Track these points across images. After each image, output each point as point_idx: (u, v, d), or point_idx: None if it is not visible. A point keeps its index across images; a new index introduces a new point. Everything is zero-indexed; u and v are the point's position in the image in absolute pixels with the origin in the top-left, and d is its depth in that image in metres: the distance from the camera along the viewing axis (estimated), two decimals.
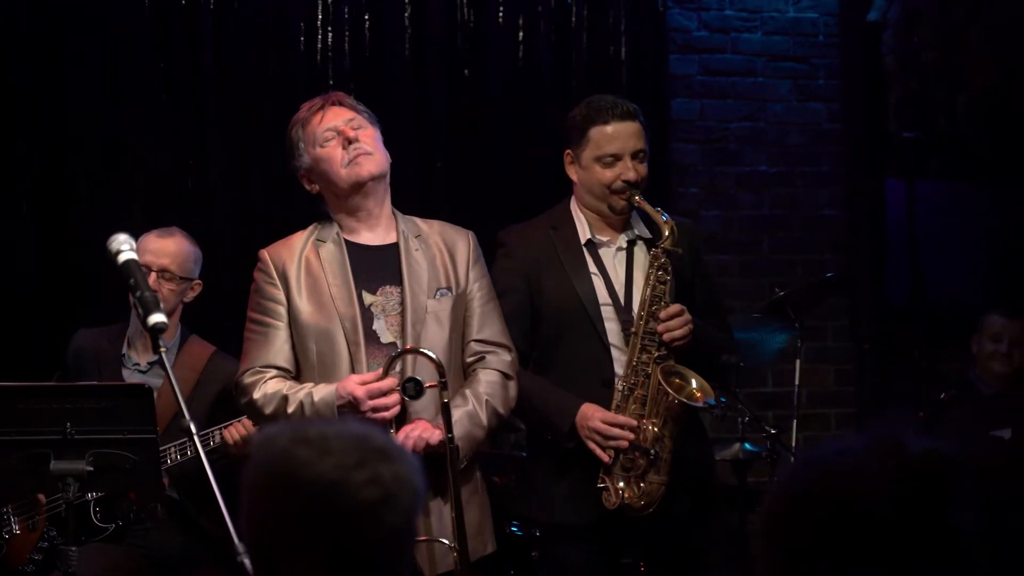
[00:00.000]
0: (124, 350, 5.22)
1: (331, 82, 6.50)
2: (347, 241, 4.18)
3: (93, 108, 6.25)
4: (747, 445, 5.76)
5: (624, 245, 4.45)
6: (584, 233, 4.46)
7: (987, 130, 7.49)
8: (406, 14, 6.65)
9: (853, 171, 7.43)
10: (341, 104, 4.21)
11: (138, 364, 5.18)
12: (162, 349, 3.17)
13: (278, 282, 4.14)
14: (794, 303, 5.80)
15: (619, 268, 4.42)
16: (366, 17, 6.60)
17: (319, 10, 6.53)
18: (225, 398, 5.04)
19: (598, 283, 4.40)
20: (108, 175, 6.27)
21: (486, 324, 4.22)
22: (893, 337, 7.32)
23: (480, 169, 6.78)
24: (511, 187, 6.78)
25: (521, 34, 6.82)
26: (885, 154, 7.44)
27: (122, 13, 6.28)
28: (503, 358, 4.20)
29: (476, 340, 4.20)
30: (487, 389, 4.12)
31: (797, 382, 5.96)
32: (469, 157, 6.77)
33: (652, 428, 4.14)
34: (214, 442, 4.93)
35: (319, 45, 6.54)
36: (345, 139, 4.11)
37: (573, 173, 4.51)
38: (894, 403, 7.28)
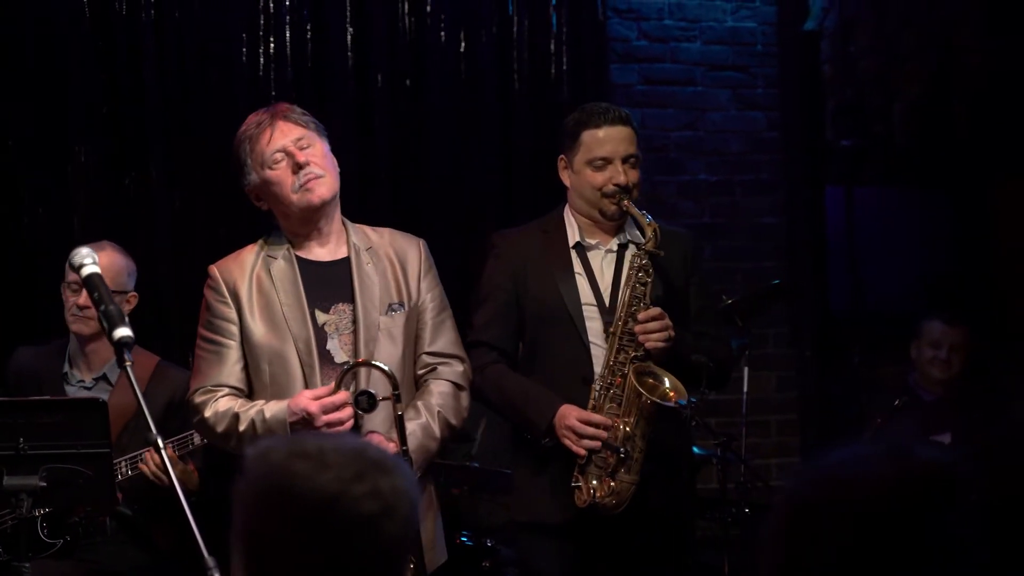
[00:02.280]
0: (66, 367, 5.16)
1: (273, 92, 6.47)
2: (298, 257, 4.15)
3: (32, 118, 6.18)
4: (696, 449, 5.77)
5: (614, 248, 4.48)
6: (574, 236, 4.50)
7: (920, 137, 7.59)
8: (348, 24, 6.63)
9: (792, 179, 7.49)
10: (287, 119, 4.14)
11: (83, 381, 5.13)
12: (127, 363, 3.14)
13: (229, 300, 4.11)
14: (742, 310, 5.83)
15: (607, 270, 4.45)
16: (308, 27, 6.58)
17: (261, 20, 6.50)
18: (173, 407, 5.01)
19: (582, 283, 4.43)
20: (48, 186, 6.20)
21: (439, 336, 4.22)
22: (834, 343, 7.38)
23: (422, 178, 6.77)
24: (453, 196, 6.78)
25: (463, 44, 6.82)
26: (823, 162, 7.51)
27: (62, 22, 6.20)
28: (455, 369, 4.22)
29: (428, 352, 4.21)
30: (439, 401, 4.12)
31: (745, 388, 6.00)
32: (411, 166, 6.76)
33: (624, 427, 4.17)
34: (121, 474, 4.86)
35: (261, 55, 6.50)
36: (295, 163, 4.06)
37: (566, 178, 4.55)
38: (836, 409, 7.35)
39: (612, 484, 4.17)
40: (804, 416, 7.43)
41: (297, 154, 4.06)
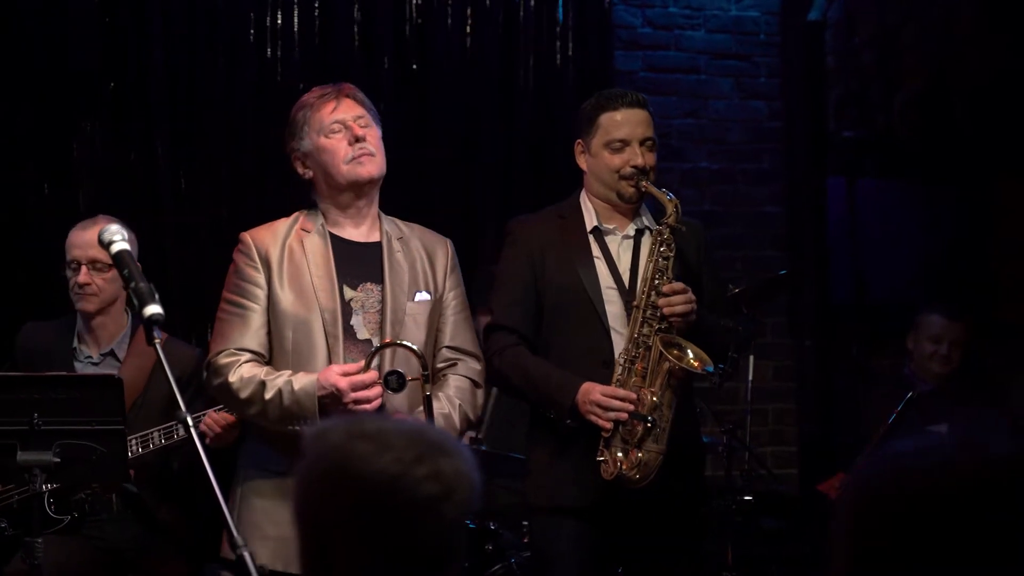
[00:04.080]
0: (75, 343, 5.15)
1: (279, 73, 6.47)
2: (332, 234, 4.19)
3: (37, 95, 6.17)
4: (703, 438, 5.79)
5: (631, 234, 4.49)
6: (591, 221, 4.50)
7: (919, 130, 7.61)
8: (355, 4, 6.63)
9: (793, 169, 7.51)
10: (352, 97, 4.23)
11: (90, 357, 5.12)
12: (157, 340, 3.15)
13: (259, 266, 4.14)
14: (748, 299, 5.83)
15: (624, 255, 4.46)
16: (316, 8, 6.57)
17: (269, 2, 6.49)
18: (182, 384, 4.94)
19: (601, 267, 4.43)
20: (53, 162, 6.19)
21: (459, 332, 4.28)
22: (833, 334, 7.41)
23: (426, 162, 6.77)
24: (456, 179, 6.79)
25: (469, 28, 6.82)
26: (825, 153, 7.52)
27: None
28: (472, 366, 4.28)
29: (448, 347, 4.26)
30: (458, 395, 4.19)
31: (751, 377, 6.02)
32: (415, 149, 6.75)
33: (651, 397, 4.18)
34: (132, 452, 4.85)
35: (268, 35, 6.49)
36: (352, 135, 4.13)
37: (583, 162, 4.54)
38: (834, 399, 7.37)
39: (640, 455, 4.16)
40: (801, 405, 7.46)
41: (356, 128, 4.15)
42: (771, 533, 6.21)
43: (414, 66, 6.74)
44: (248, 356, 4.09)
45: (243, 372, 4.05)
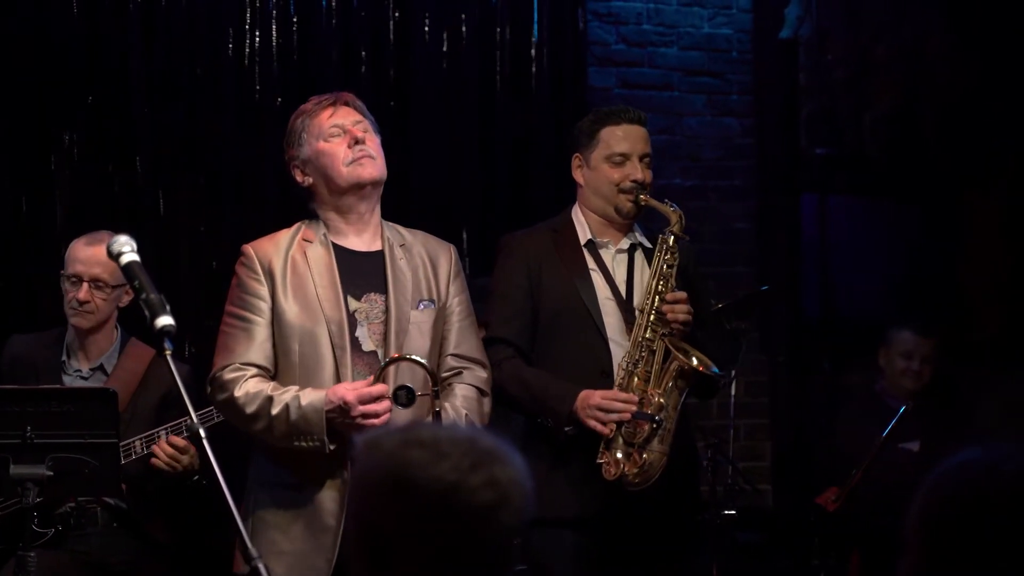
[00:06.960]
0: (63, 356, 5.11)
1: (258, 86, 6.46)
2: (334, 244, 4.14)
3: (15, 107, 6.13)
4: None
5: (625, 247, 4.54)
6: (584, 234, 4.55)
7: (888, 148, 7.67)
8: (333, 20, 6.63)
9: (766, 186, 7.55)
10: (351, 105, 4.21)
11: (79, 371, 5.08)
12: (167, 352, 3.13)
13: (263, 278, 4.08)
14: (730, 315, 5.87)
15: (619, 268, 4.51)
16: (294, 21, 6.56)
17: (248, 13, 6.48)
18: (169, 402, 4.96)
19: (597, 279, 4.48)
20: (31, 174, 6.14)
21: (464, 339, 4.22)
22: (805, 349, 7.45)
23: (402, 176, 6.77)
24: (435, 191, 6.79)
25: (446, 43, 6.82)
26: (796, 169, 7.58)
27: (49, 10, 6.15)
28: (478, 374, 4.22)
29: (453, 355, 4.20)
30: (465, 404, 4.12)
31: (733, 392, 6.05)
32: (392, 163, 6.73)
33: (657, 398, 4.21)
34: (136, 453, 4.84)
35: (247, 48, 6.48)
36: (352, 138, 4.10)
37: (580, 176, 4.59)
38: (806, 415, 7.41)
39: (644, 456, 4.19)
40: (774, 421, 7.49)
41: (355, 130, 4.12)
42: (750, 547, 6.23)
43: (391, 72, 6.72)
44: (254, 371, 4.01)
45: (249, 387, 3.98)
